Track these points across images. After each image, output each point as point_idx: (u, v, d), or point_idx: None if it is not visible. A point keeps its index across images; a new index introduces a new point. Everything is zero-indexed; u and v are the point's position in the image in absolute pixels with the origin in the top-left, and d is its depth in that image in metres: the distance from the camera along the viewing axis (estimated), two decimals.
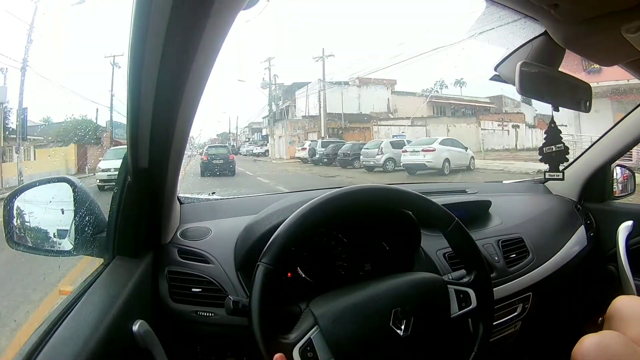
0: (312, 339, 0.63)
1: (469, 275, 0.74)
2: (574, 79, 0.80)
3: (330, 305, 0.66)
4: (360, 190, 0.73)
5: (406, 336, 0.65)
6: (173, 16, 0.47)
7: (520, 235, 1.12)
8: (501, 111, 24.36)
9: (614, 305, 0.88)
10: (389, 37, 57.00)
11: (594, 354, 0.75)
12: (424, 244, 0.92)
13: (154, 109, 0.60)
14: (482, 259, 0.75)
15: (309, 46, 63.11)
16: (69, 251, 0.80)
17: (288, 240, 0.67)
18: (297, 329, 0.65)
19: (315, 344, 0.62)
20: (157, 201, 0.79)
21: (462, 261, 0.76)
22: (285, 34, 71.16)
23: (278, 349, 0.61)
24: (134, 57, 0.52)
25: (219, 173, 11.89)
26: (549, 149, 0.89)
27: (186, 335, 0.82)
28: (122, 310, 0.65)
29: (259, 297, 0.63)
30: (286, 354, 0.61)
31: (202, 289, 0.82)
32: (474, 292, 0.72)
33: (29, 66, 10.58)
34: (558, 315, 1.27)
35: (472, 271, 0.74)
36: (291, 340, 0.63)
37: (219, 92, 66.40)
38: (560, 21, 0.66)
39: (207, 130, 47.31)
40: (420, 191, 0.78)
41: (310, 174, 12.87)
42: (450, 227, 0.74)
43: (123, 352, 0.64)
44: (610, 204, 1.39)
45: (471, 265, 0.75)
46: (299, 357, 0.61)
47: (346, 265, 0.89)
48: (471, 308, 0.71)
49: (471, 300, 0.72)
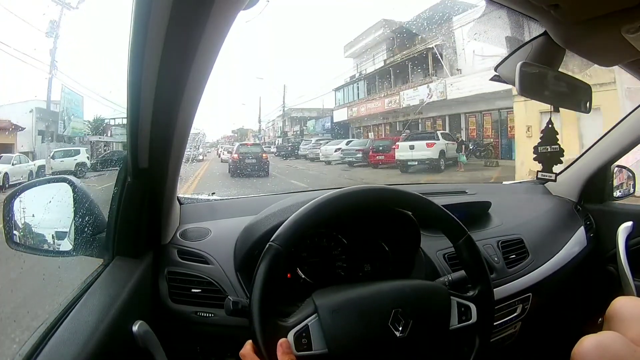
0: (310, 326, 0.63)
1: (473, 289, 0.74)
2: (574, 79, 0.80)
3: (332, 297, 0.67)
4: (375, 190, 0.74)
5: (402, 337, 0.65)
6: (173, 16, 0.47)
7: (520, 236, 1.12)
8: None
9: (614, 306, 0.88)
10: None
11: (593, 354, 0.75)
12: (424, 244, 0.92)
13: (154, 109, 0.60)
14: (489, 276, 0.75)
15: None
16: (68, 251, 0.80)
17: (301, 227, 0.67)
18: (296, 315, 0.65)
19: (312, 332, 0.62)
20: (157, 201, 0.79)
21: (468, 275, 0.76)
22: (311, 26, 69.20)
23: (274, 330, 0.62)
24: (134, 57, 0.52)
25: (253, 174, 11.51)
26: (544, 149, 0.89)
27: (186, 335, 0.82)
28: (122, 311, 0.65)
29: (264, 275, 0.63)
30: (281, 336, 0.61)
31: (201, 290, 0.82)
32: (475, 307, 0.72)
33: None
34: (558, 316, 1.27)
35: (476, 286, 0.74)
36: (288, 323, 0.63)
37: (237, 85, 65.15)
38: (560, 21, 0.66)
39: (220, 126, 44.98)
40: (420, 192, 0.78)
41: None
42: (461, 241, 0.74)
43: (123, 353, 0.64)
44: (610, 205, 1.39)
45: (477, 280, 0.75)
46: (293, 342, 0.61)
47: (346, 266, 0.89)
48: (470, 323, 0.71)
49: (472, 314, 0.71)
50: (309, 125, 27.60)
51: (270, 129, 34.81)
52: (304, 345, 0.62)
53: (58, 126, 12.82)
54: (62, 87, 13.17)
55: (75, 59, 27.73)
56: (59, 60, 12.36)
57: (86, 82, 18.56)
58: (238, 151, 12.86)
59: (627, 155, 1.31)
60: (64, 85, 13.24)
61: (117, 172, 0.77)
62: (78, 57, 18.27)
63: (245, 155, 12.46)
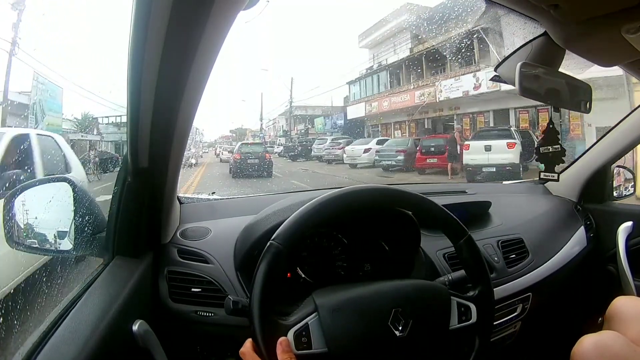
0: (309, 325, 0.63)
1: (473, 289, 0.74)
2: (574, 79, 0.80)
3: (332, 296, 0.67)
4: (375, 189, 0.74)
5: (402, 337, 0.65)
6: (173, 16, 0.47)
7: (520, 235, 1.12)
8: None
9: (614, 306, 0.88)
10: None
11: (593, 354, 0.75)
12: (424, 244, 0.92)
13: (154, 109, 0.60)
14: (489, 277, 0.75)
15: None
16: (68, 251, 0.80)
17: (301, 226, 0.67)
18: (296, 313, 0.65)
19: (312, 331, 0.62)
20: (157, 201, 0.80)
21: (469, 275, 0.76)
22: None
23: (274, 328, 0.62)
24: (134, 57, 0.52)
25: (255, 174, 11.10)
26: (546, 149, 0.89)
27: (186, 335, 0.82)
28: (122, 310, 0.65)
29: (264, 274, 0.63)
30: (281, 334, 0.61)
31: (201, 289, 0.82)
32: (475, 308, 0.72)
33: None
34: (558, 316, 1.27)
35: (477, 286, 0.74)
36: (288, 322, 0.63)
37: (237, 83, 62.79)
38: (560, 21, 0.66)
39: (218, 125, 43.77)
40: (420, 192, 0.78)
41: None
42: (462, 241, 0.74)
43: (123, 352, 0.64)
44: (610, 205, 1.39)
45: (477, 281, 0.75)
46: (293, 340, 0.61)
47: (346, 265, 0.89)
48: (470, 323, 0.71)
49: (472, 315, 0.71)
50: (317, 123, 25.85)
51: (271, 128, 33.50)
52: (303, 344, 0.62)
53: (29, 121, 10.56)
54: (34, 75, 10.60)
55: (71, 54, 27.26)
56: (25, 40, 9.54)
57: (78, 78, 17.37)
58: (240, 150, 12.58)
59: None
60: (36, 72, 10.65)
61: (117, 174, 0.77)
62: (74, 54, 17.77)
63: (247, 155, 12.16)
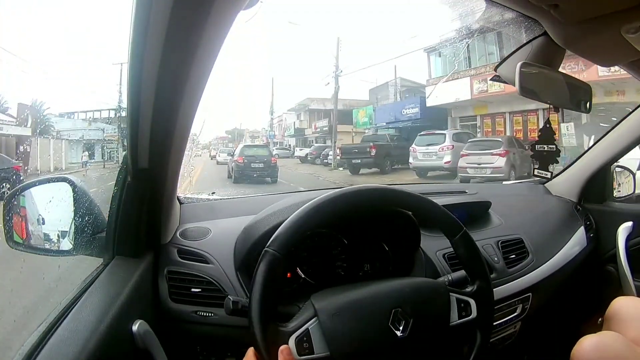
0: (310, 330, 0.63)
1: (471, 285, 0.74)
2: (574, 79, 0.80)
3: (331, 299, 0.66)
4: (371, 190, 0.73)
5: (403, 337, 0.65)
6: (173, 16, 0.47)
7: (520, 236, 1.12)
8: None
9: (614, 306, 0.88)
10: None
11: (593, 354, 0.75)
12: (424, 244, 0.92)
13: (154, 109, 0.60)
14: (487, 271, 0.75)
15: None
16: (68, 251, 0.80)
17: (298, 230, 0.67)
18: (296, 319, 0.65)
19: (313, 336, 0.62)
20: (157, 201, 0.80)
21: (467, 271, 0.76)
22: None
23: (275, 336, 0.61)
24: (134, 57, 0.52)
25: (259, 180, 10.34)
26: (541, 147, 0.89)
27: (186, 335, 0.82)
28: (122, 311, 0.65)
29: (262, 282, 0.63)
30: (282, 341, 0.61)
31: (201, 289, 0.82)
32: (475, 303, 0.72)
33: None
34: (558, 316, 1.27)
35: (475, 281, 0.74)
36: (289, 328, 0.63)
37: (235, 81, 60.05)
38: (560, 21, 0.66)
39: (213, 126, 41.49)
40: (420, 192, 0.78)
41: None
42: (458, 236, 0.74)
43: (123, 352, 0.64)
44: (610, 205, 1.39)
45: (475, 276, 0.75)
46: (295, 346, 0.61)
47: (346, 265, 0.89)
48: (471, 318, 0.71)
49: (472, 310, 0.71)
50: (359, 116, 18.69)
51: (277, 126, 28.05)
52: (305, 350, 0.61)
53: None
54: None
55: (71, 55, 27.08)
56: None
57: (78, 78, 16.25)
58: (243, 153, 11.53)
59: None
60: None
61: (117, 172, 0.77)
62: (74, 55, 17.80)
63: (251, 159, 11.18)
